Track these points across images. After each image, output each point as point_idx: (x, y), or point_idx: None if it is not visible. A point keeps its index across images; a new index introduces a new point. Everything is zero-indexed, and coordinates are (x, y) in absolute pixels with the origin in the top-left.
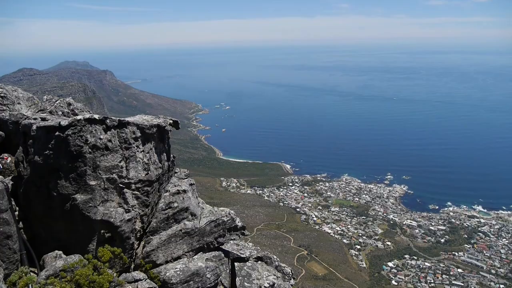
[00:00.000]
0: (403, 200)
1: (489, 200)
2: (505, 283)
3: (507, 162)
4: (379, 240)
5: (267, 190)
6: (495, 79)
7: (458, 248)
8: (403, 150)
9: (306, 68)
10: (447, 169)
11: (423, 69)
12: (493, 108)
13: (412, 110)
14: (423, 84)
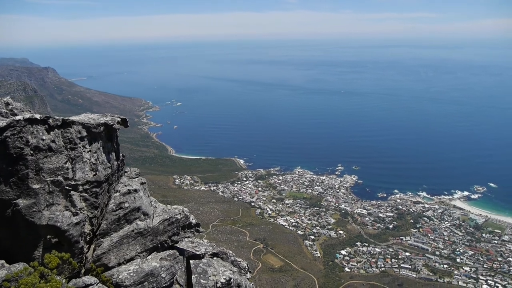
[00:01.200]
0: (353, 190)
1: (432, 186)
2: (448, 263)
3: (447, 151)
4: (332, 229)
5: (221, 186)
6: (435, 71)
7: (405, 233)
8: (353, 142)
9: (257, 62)
10: (393, 159)
11: (369, 63)
12: (434, 99)
13: (360, 102)
14: (369, 77)
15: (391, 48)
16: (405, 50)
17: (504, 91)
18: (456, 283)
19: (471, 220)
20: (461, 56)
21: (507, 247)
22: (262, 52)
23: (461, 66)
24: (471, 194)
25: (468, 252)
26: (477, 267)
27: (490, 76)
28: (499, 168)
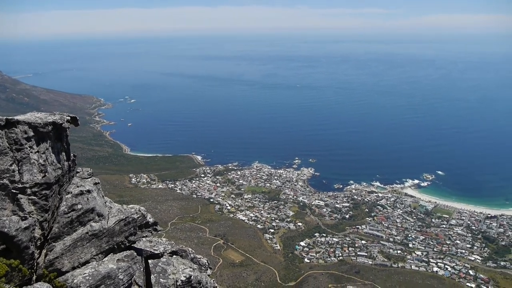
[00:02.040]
0: (310, 182)
1: (385, 176)
2: (401, 248)
3: (398, 141)
4: (291, 222)
5: (179, 183)
6: (385, 65)
7: (361, 222)
8: (309, 135)
9: (212, 58)
10: (348, 151)
11: (323, 57)
12: (385, 92)
13: (315, 96)
14: (324, 71)
15: (345, 43)
16: (357, 45)
17: (449, 84)
18: (409, 267)
19: (421, 206)
20: (410, 50)
21: (455, 231)
22: (216, 47)
23: (409, 60)
24: (421, 182)
25: (419, 237)
26: (428, 251)
27: (436, 69)
28: (446, 157)
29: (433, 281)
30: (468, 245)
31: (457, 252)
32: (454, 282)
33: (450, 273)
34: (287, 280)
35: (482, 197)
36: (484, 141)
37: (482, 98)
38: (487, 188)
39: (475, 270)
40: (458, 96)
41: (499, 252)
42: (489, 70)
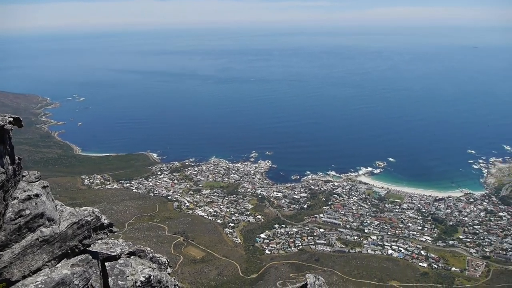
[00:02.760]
0: (268, 175)
1: (340, 165)
2: (358, 234)
3: (351, 131)
4: (250, 215)
5: (135, 182)
6: (335, 58)
7: (318, 211)
8: (265, 128)
9: (164, 53)
10: (304, 142)
11: (276, 50)
12: (337, 83)
13: (270, 89)
14: (277, 64)
15: (296, 35)
16: (308, 38)
17: (396, 74)
18: (366, 251)
19: (375, 193)
20: (359, 42)
21: (406, 214)
22: (168, 42)
23: (358, 52)
24: (374, 170)
25: (374, 222)
26: (383, 235)
27: (384, 60)
28: (396, 144)
29: (389, 264)
30: (419, 227)
31: (409, 235)
32: (407, 263)
33: (404, 254)
34: (249, 273)
35: (430, 181)
36: (430, 128)
37: (427, 87)
38: (435, 172)
39: (427, 250)
40: (405, 85)
41: (448, 232)
42: (433, 60)
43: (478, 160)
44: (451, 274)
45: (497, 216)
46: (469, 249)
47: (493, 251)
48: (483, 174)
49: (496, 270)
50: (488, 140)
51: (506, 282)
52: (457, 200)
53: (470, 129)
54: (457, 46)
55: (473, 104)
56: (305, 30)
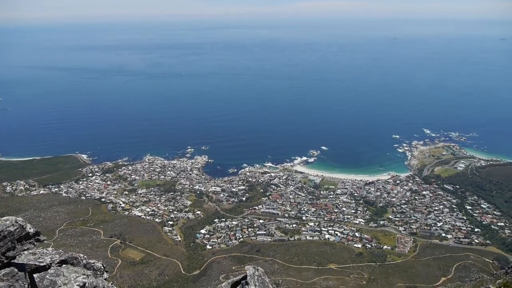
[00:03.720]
0: (205, 170)
1: (276, 156)
2: (296, 222)
3: (285, 122)
4: (189, 211)
5: (64, 186)
6: (267, 50)
7: (257, 202)
8: (200, 123)
9: (89, 48)
10: (239, 135)
11: (208, 44)
12: (269, 76)
13: (203, 83)
14: (209, 58)
15: (228, 29)
16: (241, 30)
17: (325, 65)
18: (305, 238)
19: (310, 181)
20: (289, 35)
21: (340, 199)
22: (93, 36)
23: (289, 44)
24: (308, 158)
25: (311, 209)
26: (320, 221)
27: (313, 52)
28: (328, 133)
29: (326, 248)
30: (353, 211)
31: (344, 218)
32: (344, 246)
33: (340, 238)
34: (191, 270)
35: (360, 166)
36: (359, 116)
37: (354, 77)
38: (364, 158)
39: (360, 232)
40: (334, 76)
41: (378, 213)
42: (359, 51)
43: (402, 144)
44: (383, 252)
45: (421, 195)
46: (398, 228)
47: (419, 227)
48: (407, 157)
49: (423, 245)
50: (410, 125)
51: (431, 254)
52: (385, 183)
53: (393, 115)
54: (379, 37)
55: (395, 92)
56: (237, 24)
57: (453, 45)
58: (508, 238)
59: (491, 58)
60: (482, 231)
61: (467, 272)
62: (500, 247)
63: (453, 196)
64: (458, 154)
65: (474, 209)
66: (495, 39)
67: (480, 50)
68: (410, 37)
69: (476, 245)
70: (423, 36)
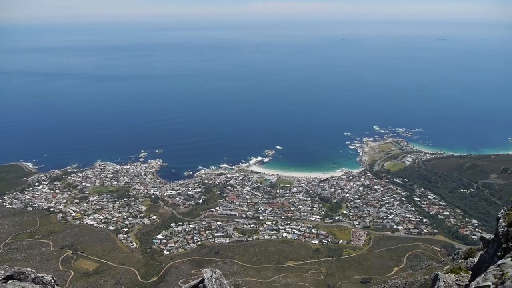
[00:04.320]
0: (160, 173)
1: (231, 157)
2: (254, 222)
3: (239, 123)
4: (145, 217)
5: (8, 197)
6: (219, 51)
7: (214, 204)
8: (153, 126)
9: (30, 50)
10: (194, 138)
11: (158, 45)
12: (222, 77)
13: (154, 86)
14: (160, 60)
15: (179, 30)
16: (192, 32)
17: (277, 66)
18: (263, 237)
19: (266, 180)
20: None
21: (296, 197)
22: (33, 38)
23: (240, 45)
24: (264, 158)
25: (268, 208)
26: (277, 220)
27: (265, 53)
28: (283, 133)
29: (284, 246)
30: (309, 208)
31: (300, 216)
32: (301, 243)
33: (297, 235)
34: (149, 276)
35: (315, 164)
36: (311, 115)
37: (306, 77)
38: (318, 156)
39: (317, 228)
40: (286, 76)
41: (333, 209)
42: (310, 52)
43: (354, 141)
44: (339, 247)
45: (373, 189)
46: (352, 222)
47: (372, 221)
48: (359, 153)
49: (376, 237)
50: (361, 122)
51: (384, 246)
52: (339, 179)
53: (344, 113)
54: (328, 38)
55: (345, 91)
56: (187, 24)
57: (397, 45)
58: (453, 226)
59: (433, 57)
60: (430, 221)
61: (417, 261)
62: (446, 235)
63: (402, 189)
64: (405, 149)
65: (422, 201)
66: (435, 39)
67: (422, 50)
68: (358, 37)
69: (425, 234)
70: (370, 36)
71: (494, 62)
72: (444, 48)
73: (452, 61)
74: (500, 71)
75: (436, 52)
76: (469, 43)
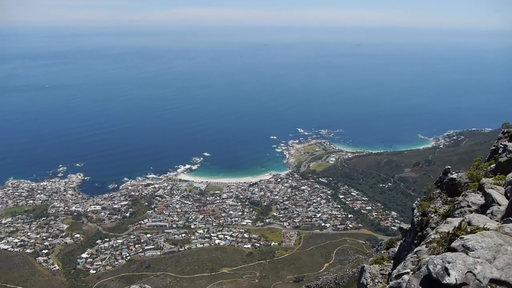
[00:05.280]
0: (82, 188)
1: (159, 167)
2: (185, 231)
3: (166, 130)
4: (66, 236)
5: None
6: (141, 58)
7: (142, 217)
8: (71, 139)
9: None
10: (118, 149)
11: (74, 53)
12: (146, 84)
13: (71, 96)
14: (76, 68)
15: (96, 36)
16: (110, 38)
17: (202, 72)
18: (195, 246)
19: (195, 188)
20: (163, 43)
21: (227, 203)
22: None
23: (164, 52)
24: (192, 166)
25: (199, 216)
26: (209, 227)
27: (188, 59)
28: (210, 139)
29: (217, 253)
30: (240, 213)
31: (232, 221)
32: (234, 248)
33: (230, 241)
34: None
35: (243, 168)
36: (238, 120)
37: (231, 83)
38: (246, 160)
39: (249, 232)
40: (211, 82)
41: (264, 212)
42: (234, 58)
43: (280, 144)
44: (272, 249)
45: (300, 190)
46: (283, 223)
47: (301, 220)
48: (285, 156)
49: (306, 236)
50: (286, 125)
51: (314, 244)
52: (268, 182)
53: (270, 117)
54: (252, 44)
55: (269, 95)
56: (105, 31)
57: (317, 50)
58: (376, 219)
59: (349, 61)
60: (354, 216)
61: (345, 255)
62: (370, 229)
63: (328, 187)
64: (328, 149)
65: (346, 198)
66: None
67: (340, 55)
68: (280, 43)
69: (351, 229)
70: (292, 42)
71: (404, 65)
72: (360, 53)
73: (367, 66)
74: (410, 75)
75: (352, 57)
76: (383, 48)
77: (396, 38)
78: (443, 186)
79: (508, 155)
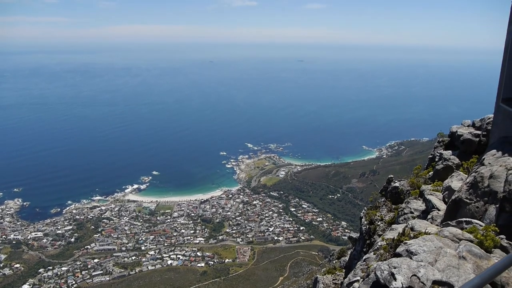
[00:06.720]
0: (21, 215)
1: (105, 188)
2: (135, 254)
3: (111, 151)
4: (5, 266)
5: None
6: (81, 76)
7: (89, 241)
8: (6, 162)
9: None
10: (59, 172)
11: (7, 71)
12: (88, 103)
13: (5, 117)
14: (11, 87)
15: (29, 54)
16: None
17: (147, 90)
18: (147, 268)
19: (145, 208)
20: (104, 59)
21: (178, 222)
22: None
23: (105, 69)
24: (140, 186)
25: (149, 237)
26: (160, 248)
27: (133, 77)
28: (158, 158)
29: (170, 274)
30: (192, 231)
31: (184, 240)
32: (187, 268)
33: (183, 261)
34: None
35: (194, 186)
36: (186, 138)
37: (178, 100)
38: (196, 177)
39: (202, 250)
40: (157, 100)
41: (216, 229)
42: (179, 75)
43: (230, 160)
44: (226, 266)
45: (252, 204)
46: (236, 239)
47: (254, 235)
48: (236, 171)
49: (259, 251)
50: (235, 141)
51: (268, 258)
52: (219, 199)
53: (218, 133)
54: (196, 61)
55: (217, 111)
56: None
57: (260, 66)
58: (327, 230)
59: (292, 76)
60: (306, 228)
61: (299, 268)
62: (321, 240)
63: (279, 201)
64: (278, 163)
65: (297, 210)
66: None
67: (283, 70)
68: (225, 60)
69: (303, 241)
70: (237, 59)
71: (344, 81)
72: (303, 68)
73: (311, 80)
74: (352, 88)
75: (296, 72)
76: (323, 63)
77: (334, 54)
78: (387, 195)
79: (444, 163)
